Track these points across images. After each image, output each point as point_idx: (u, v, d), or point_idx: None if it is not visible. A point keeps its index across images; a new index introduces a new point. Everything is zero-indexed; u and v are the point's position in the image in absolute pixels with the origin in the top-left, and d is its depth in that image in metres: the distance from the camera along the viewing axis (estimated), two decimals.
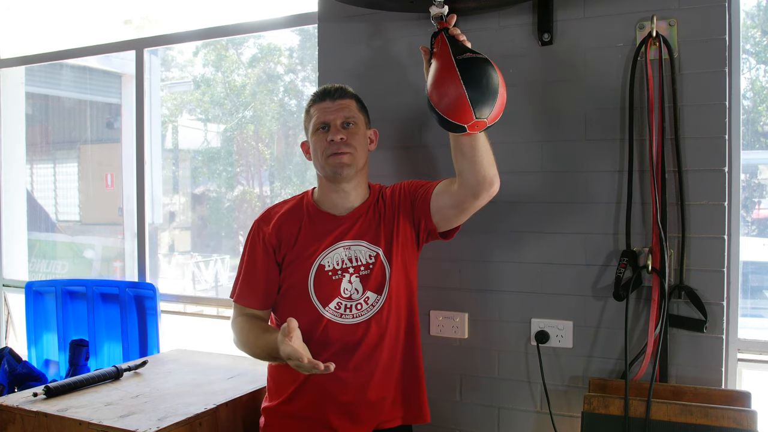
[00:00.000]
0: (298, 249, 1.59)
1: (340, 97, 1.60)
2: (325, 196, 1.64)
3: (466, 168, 1.45)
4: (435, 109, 1.35)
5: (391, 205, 1.64)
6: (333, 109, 1.58)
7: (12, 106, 3.38)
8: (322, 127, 1.58)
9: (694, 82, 1.64)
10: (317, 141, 1.59)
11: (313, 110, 1.61)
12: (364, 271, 1.58)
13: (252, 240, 1.63)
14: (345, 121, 1.58)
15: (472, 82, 1.29)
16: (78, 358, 2.57)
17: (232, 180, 3.20)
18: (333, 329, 1.55)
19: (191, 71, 3.30)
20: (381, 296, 1.58)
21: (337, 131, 1.56)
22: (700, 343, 1.64)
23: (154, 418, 1.59)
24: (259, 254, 1.61)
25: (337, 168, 1.55)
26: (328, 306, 1.56)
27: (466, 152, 1.43)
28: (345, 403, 1.55)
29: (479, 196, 1.48)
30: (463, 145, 1.43)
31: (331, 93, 1.60)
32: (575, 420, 1.75)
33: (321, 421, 1.56)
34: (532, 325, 1.82)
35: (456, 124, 1.33)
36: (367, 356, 1.56)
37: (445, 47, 1.39)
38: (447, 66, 1.34)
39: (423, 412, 1.66)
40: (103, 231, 3.51)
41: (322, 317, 1.55)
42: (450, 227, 1.62)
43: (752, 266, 1.86)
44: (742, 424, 1.45)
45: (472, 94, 1.29)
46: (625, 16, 1.71)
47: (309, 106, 1.64)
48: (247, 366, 2.09)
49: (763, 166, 1.97)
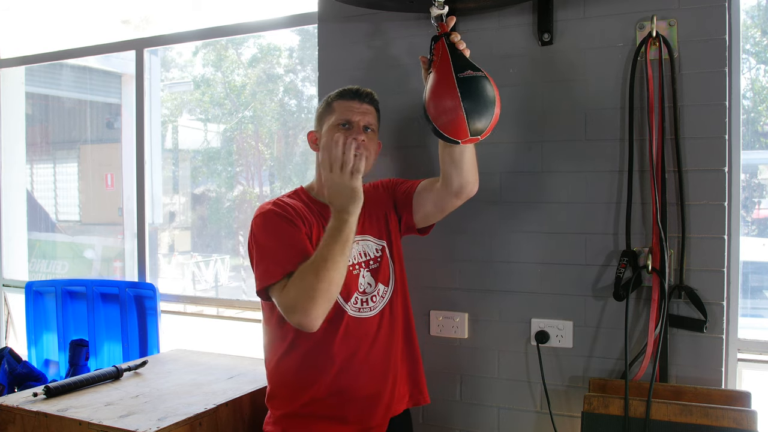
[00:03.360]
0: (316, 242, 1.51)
1: (369, 102, 1.62)
2: (323, 192, 1.62)
3: (453, 172, 1.55)
4: (431, 122, 1.44)
5: (379, 202, 1.70)
6: (360, 111, 1.59)
7: (12, 106, 3.38)
8: (343, 124, 1.58)
9: (694, 82, 1.64)
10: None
11: (336, 105, 1.61)
12: (374, 264, 1.62)
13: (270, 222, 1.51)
14: (367, 125, 1.60)
15: (471, 103, 1.39)
16: (78, 358, 2.57)
17: (232, 180, 3.20)
18: (354, 324, 1.56)
19: (191, 71, 3.30)
20: (389, 288, 1.63)
21: (360, 132, 1.57)
22: (700, 343, 1.64)
23: (154, 418, 1.59)
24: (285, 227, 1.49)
25: None
26: (349, 302, 1.56)
27: (455, 158, 1.53)
28: (369, 396, 1.56)
29: (460, 196, 1.60)
30: (453, 153, 1.53)
31: (361, 95, 1.61)
32: (575, 420, 1.75)
33: (344, 418, 1.56)
34: (532, 325, 1.82)
35: (451, 139, 1.44)
36: (384, 347, 1.59)
37: (446, 59, 1.45)
38: (447, 83, 1.41)
39: (424, 392, 1.71)
40: (103, 231, 3.51)
41: (345, 313, 1.55)
42: (428, 224, 1.71)
43: (752, 266, 1.86)
44: (742, 424, 1.45)
45: (470, 116, 1.39)
46: (625, 16, 1.71)
47: (333, 99, 1.62)
48: (247, 366, 2.09)
49: (763, 166, 1.97)
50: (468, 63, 1.45)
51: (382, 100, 1.87)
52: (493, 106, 1.41)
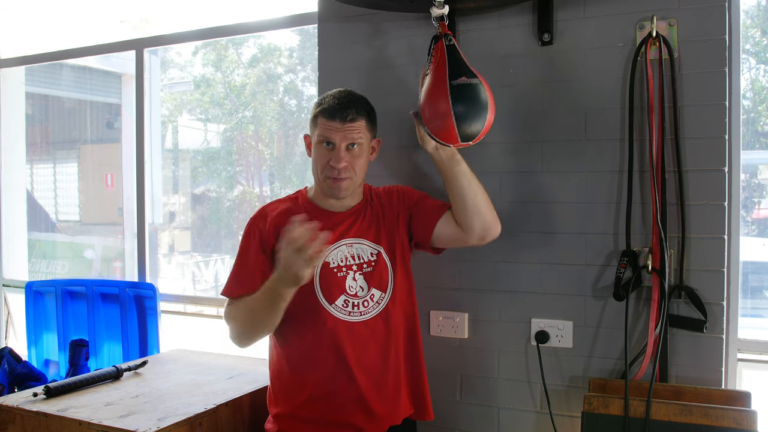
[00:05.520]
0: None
1: (351, 120, 1.54)
2: (321, 196, 1.64)
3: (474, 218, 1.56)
4: (424, 125, 1.51)
5: (390, 208, 1.67)
6: (341, 131, 1.53)
7: (12, 106, 3.38)
8: (326, 143, 1.56)
9: (694, 82, 1.64)
10: (319, 154, 1.58)
11: (320, 122, 1.56)
12: (367, 268, 1.60)
13: (246, 237, 1.61)
14: (351, 143, 1.55)
15: (462, 110, 1.43)
16: (78, 358, 2.57)
17: (231, 180, 3.20)
18: (341, 327, 1.55)
19: (191, 71, 3.30)
20: (386, 294, 1.60)
21: (340, 158, 1.53)
22: (700, 343, 1.64)
23: (154, 418, 1.59)
24: (252, 251, 1.59)
25: (334, 191, 1.58)
26: (335, 303, 1.56)
27: (468, 205, 1.55)
28: (358, 402, 1.55)
29: (485, 239, 1.61)
30: (466, 202, 1.55)
31: (342, 115, 1.53)
32: (575, 420, 1.75)
33: (336, 422, 1.55)
34: (532, 325, 1.82)
35: (443, 143, 1.50)
36: (380, 353, 1.58)
37: (443, 63, 1.48)
38: (441, 88, 1.45)
39: (427, 409, 1.69)
40: (103, 231, 3.51)
41: (329, 314, 1.55)
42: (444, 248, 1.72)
43: (752, 266, 1.86)
44: (742, 424, 1.45)
45: (461, 123, 1.43)
46: (625, 16, 1.71)
47: (317, 114, 1.57)
48: (247, 366, 2.09)
49: (763, 166, 1.97)
50: (463, 68, 1.46)
51: (382, 100, 1.87)
52: (485, 113, 1.44)
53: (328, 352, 1.54)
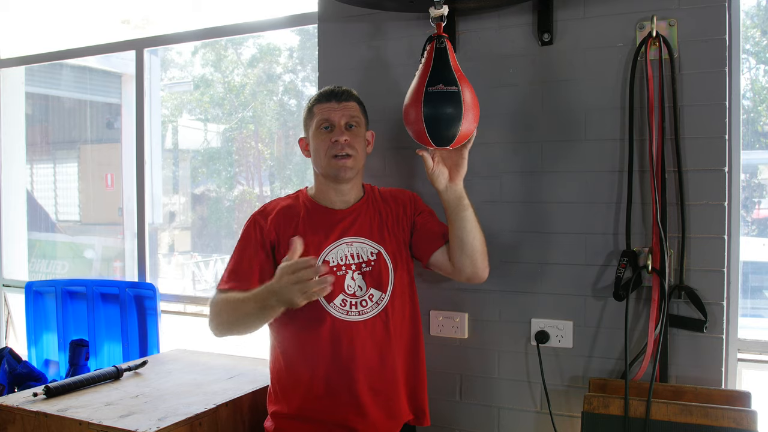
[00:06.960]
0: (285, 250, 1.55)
1: (346, 99, 1.62)
2: (322, 193, 1.65)
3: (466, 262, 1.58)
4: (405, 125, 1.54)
5: (395, 210, 1.68)
6: (338, 110, 1.60)
7: (12, 106, 3.38)
8: (325, 126, 1.59)
9: (694, 82, 1.64)
10: (320, 140, 1.60)
11: (316, 109, 1.62)
12: (366, 267, 1.59)
13: (246, 232, 1.62)
14: (349, 122, 1.60)
15: (431, 119, 1.45)
16: (78, 358, 2.57)
17: (231, 180, 3.20)
18: (339, 326, 1.55)
19: (191, 71, 3.30)
20: (385, 294, 1.60)
21: (342, 132, 1.58)
22: (700, 343, 1.64)
23: (154, 418, 1.59)
24: (251, 246, 1.59)
25: (339, 171, 1.58)
26: (333, 302, 1.56)
27: (466, 251, 1.56)
28: (356, 403, 1.54)
29: (472, 281, 1.64)
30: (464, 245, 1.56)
31: (337, 95, 1.61)
32: (575, 420, 1.75)
33: (332, 422, 1.55)
34: (532, 325, 1.82)
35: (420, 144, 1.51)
36: (378, 355, 1.57)
37: (427, 66, 1.49)
38: (417, 93, 1.47)
39: (425, 414, 1.68)
40: (103, 231, 3.51)
41: (327, 313, 1.55)
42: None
43: (752, 266, 1.86)
44: (742, 424, 1.45)
45: (430, 130, 1.45)
46: (625, 16, 1.71)
47: (312, 104, 1.64)
48: (247, 366, 2.09)
49: (763, 166, 1.97)
50: (446, 74, 1.47)
51: (383, 99, 1.87)
52: (457, 122, 1.44)
53: (325, 351, 1.54)
